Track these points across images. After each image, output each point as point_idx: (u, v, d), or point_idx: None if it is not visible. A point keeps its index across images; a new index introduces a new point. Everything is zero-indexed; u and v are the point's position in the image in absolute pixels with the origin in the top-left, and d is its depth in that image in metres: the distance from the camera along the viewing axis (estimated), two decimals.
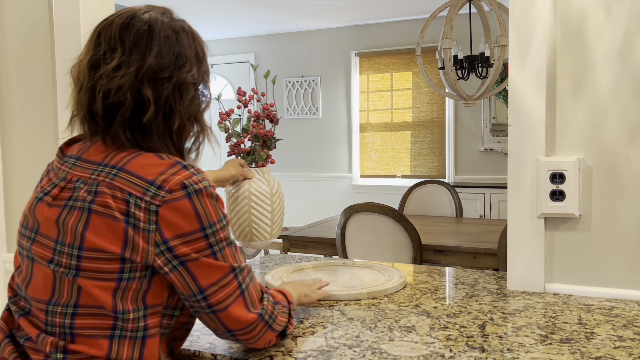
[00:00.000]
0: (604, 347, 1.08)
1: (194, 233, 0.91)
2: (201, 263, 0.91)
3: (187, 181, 0.91)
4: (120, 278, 0.90)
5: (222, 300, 0.94)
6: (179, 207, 0.90)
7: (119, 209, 0.89)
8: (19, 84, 2.10)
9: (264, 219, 1.63)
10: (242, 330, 0.98)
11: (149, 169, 0.92)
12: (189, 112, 1.00)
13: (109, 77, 0.94)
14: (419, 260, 2.83)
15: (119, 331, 0.91)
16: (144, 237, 0.89)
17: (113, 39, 0.97)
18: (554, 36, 1.44)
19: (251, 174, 1.64)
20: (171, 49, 0.98)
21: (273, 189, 1.65)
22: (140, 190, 0.90)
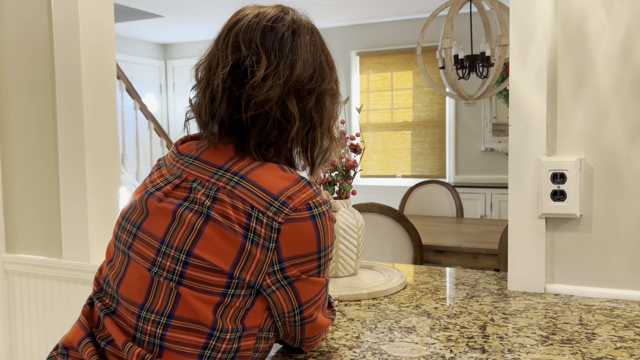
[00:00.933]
0: (605, 347, 1.07)
1: (310, 255, 0.87)
2: (307, 282, 0.88)
3: (312, 202, 0.86)
4: (226, 293, 0.84)
5: (313, 312, 0.92)
6: (301, 228, 0.85)
7: (238, 221, 0.84)
8: (18, 83, 2.09)
9: (350, 254, 1.56)
10: (314, 338, 0.97)
11: (274, 182, 0.86)
12: (325, 125, 0.96)
13: (257, 88, 0.89)
14: (419, 260, 2.83)
15: (209, 351, 0.85)
16: (262, 254, 0.84)
17: (255, 44, 0.90)
18: (555, 35, 1.43)
19: (338, 206, 1.41)
20: (314, 57, 0.94)
21: (359, 222, 1.57)
22: (264, 204, 0.84)
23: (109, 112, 2.16)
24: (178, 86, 7.01)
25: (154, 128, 5.07)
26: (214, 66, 0.92)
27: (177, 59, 6.97)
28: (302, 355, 1.06)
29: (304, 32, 0.93)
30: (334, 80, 0.98)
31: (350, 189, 1.60)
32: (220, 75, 0.90)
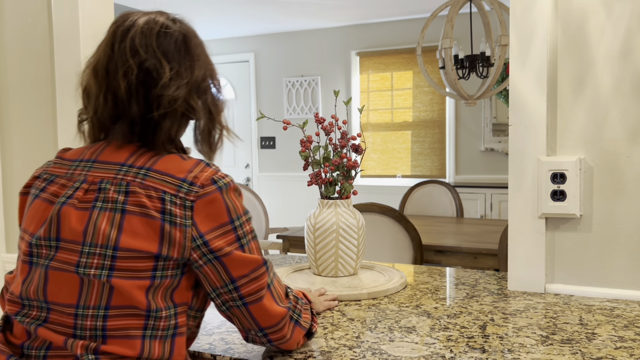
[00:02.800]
0: (605, 347, 1.08)
1: (224, 226, 0.94)
2: (235, 256, 0.93)
3: (215, 176, 0.95)
4: (154, 276, 0.91)
5: (253, 292, 0.95)
6: (211, 200, 0.93)
7: (155, 208, 0.91)
8: (18, 83, 2.09)
9: (350, 254, 1.55)
10: (274, 327, 0.98)
11: (177, 168, 0.95)
12: (219, 115, 1.07)
13: (166, 88, 0.96)
14: (419, 260, 2.83)
15: (150, 330, 0.92)
16: (182, 232, 0.91)
17: (152, 49, 0.97)
18: (555, 35, 1.43)
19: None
20: (204, 58, 1.04)
21: (359, 222, 1.57)
22: (174, 188, 0.92)
23: None
24: None
25: None
26: (112, 70, 0.97)
27: None
28: (302, 355, 1.06)
29: (192, 36, 1.03)
30: (217, 76, 1.08)
31: (351, 189, 1.60)
32: (126, 78, 0.96)
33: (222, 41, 6.72)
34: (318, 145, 1.60)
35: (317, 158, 1.61)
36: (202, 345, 1.12)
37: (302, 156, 1.60)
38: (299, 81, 6.34)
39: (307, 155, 1.60)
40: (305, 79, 6.31)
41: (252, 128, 6.63)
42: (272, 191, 6.53)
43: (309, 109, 6.30)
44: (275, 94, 6.49)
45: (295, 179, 6.38)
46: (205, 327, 1.23)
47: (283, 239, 3.44)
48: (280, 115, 6.39)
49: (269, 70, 6.51)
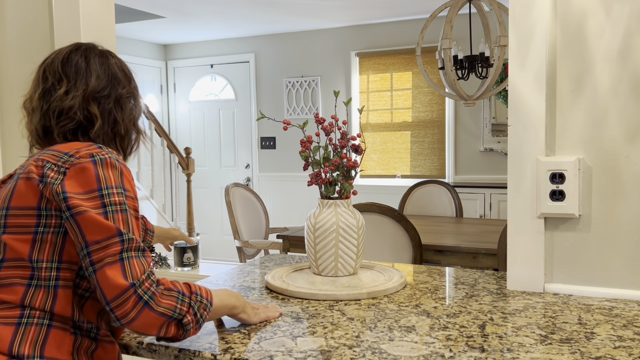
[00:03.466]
0: (603, 347, 1.08)
1: (92, 192, 1.05)
2: (89, 217, 1.02)
3: (95, 152, 1.09)
4: (37, 231, 1.06)
5: (101, 259, 1.01)
6: (82, 168, 1.06)
7: (37, 173, 1.07)
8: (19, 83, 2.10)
9: (350, 253, 1.56)
10: (115, 300, 1.00)
11: (70, 147, 1.12)
12: (130, 120, 1.25)
13: (61, 100, 1.17)
14: (419, 260, 2.83)
15: (35, 280, 1.05)
16: (50, 190, 1.05)
17: (57, 72, 1.20)
18: (554, 36, 1.44)
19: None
20: (106, 71, 1.23)
21: (359, 222, 1.57)
22: (56, 159, 1.09)
23: None
24: (179, 87, 7.01)
25: (154, 128, 5.07)
26: (32, 95, 1.22)
27: (178, 60, 6.97)
28: (302, 355, 1.06)
29: (94, 56, 1.24)
30: (132, 87, 1.28)
31: (350, 189, 1.60)
32: (35, 100, 1.20)
33: (223, 42, 6.72)
34: (318, 145, 1.61)
35: (317, 158, 1.61)
36: (203, 345, 1.13)
37: (302, 156, 1.60)
38: (299, 81, 6.34)
39: (307, 156, 1.60)
40: (305, 79, 6.32)
41: (252, 128, 6.63)
42: (272, 191, 6.53)
43: (309, 109, 6.31)
44: (276, 95, 6.49)
45: (295, 179, 6.38)
46: (205, 327, 1.23)
47: (283, 239, 3.44)
48: (281, 116, 6.40)
49: (269, 70, 6.52)
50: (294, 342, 1.13)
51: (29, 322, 1.03)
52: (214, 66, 6.80)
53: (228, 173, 6.80)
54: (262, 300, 1.42)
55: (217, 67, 6.79)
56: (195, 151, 6.59)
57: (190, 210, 5.22)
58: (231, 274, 1.70)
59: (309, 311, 1.32)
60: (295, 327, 1.21)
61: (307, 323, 1.24)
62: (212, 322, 1.26)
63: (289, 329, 1.20)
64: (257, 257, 4.41)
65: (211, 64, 6.81)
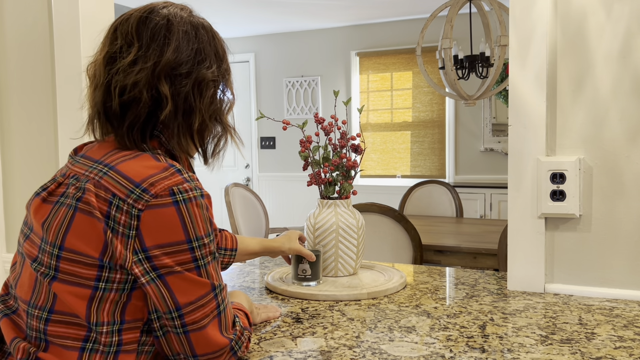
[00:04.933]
0: (604, 347, 1.08)
1: (178, 245, 0.84)
2: (182, 277, 0.84)
3: (177, 188, 0.85)
4: (97, 287, 0.84)
5: (198, 320, 0.86)
6: (163, 214, 0.83)
7: (100, 209, 0.83)
8: (19, 83, 2.09)
9: (350, 254, 1.55)
10: (210, 355, 0.88)
11: (140, 170, 0.85)
12: (210, 111, 0.96)
13: (125, 73, 0.89)
14: (419, 260, 2.83)
15: (90, 344, 0.85)
16: (123, 242, 0.83)
17: (130, 34, 0.92)
18: (555, 36, 1.44)
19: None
20: (190, 44, 0.94)
21: (359, 222, 1.57)
22: (125, 192, 0.83)
23: None
24: None
25: None
26: (97, 58, 0.94)
27: None
28: (302, 355, 1.06)
29: (180, 22, 0.94)
30: (223, 69, 1.00)
31: (350, 189, 1.60)
32: (99, 66, 0.92)
33: None
34: (318, 145, 1.61)
35: (317, 158, 1.61)
36: None
37: (301, 156, 1.60)
38: (299, 81, 6.34)
39: (307, 156, 1.60)
40: (305, 79, 6.32)
41: (252, 128, 6.63)
42: (272, 191, 6.53)
43: (308, 109, 6.31)
44: (275, 94, 6.49)
45: (295, 179, 6.38)
46: None
47: None
48: (280, 116, 6.40)
49: (269, 70, 6.52)
50: (294, 342, 1.12)
51: None
52: None
53: (228, 173, 6.80)
54: (262, 301, 1.42)
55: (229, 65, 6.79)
56: None
57: None
58: (231, 274, 1.69)
59: (309, 311, 1.32)
60: (295, 328, 1.21)
61: (307, 323, 1.23)
62: None
63: (289, 329, 1.20)
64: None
65: None
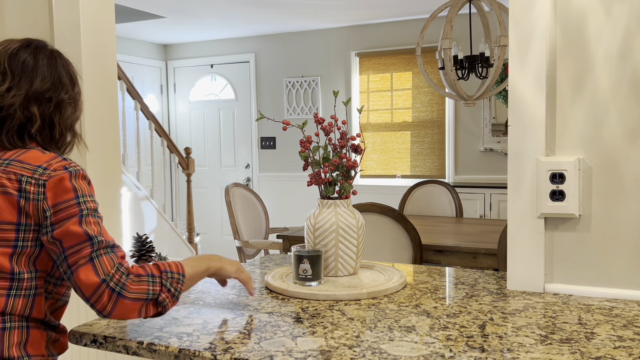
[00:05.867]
0: (604, 347, 1.08)
1: (70, 201, 1.15)
2: (65, 227, 1.13)
3: (66, 164, 1.18)
4: (16, 245, 1.14)
5: (75, 262, 1.12)
6: (60, 180, 1.15)
7: (13, 187, 1.14)
8: None
9: (350, 253, 1.56)
10: (93, 296, 1.12)
11: (36, 158, 1.18)
12: (66, 124, 1.29)
13: (2, 97, 1.21)
14: (419, 260, 2.83)
15: (14, 290, 1.14)
16: (34, 206, 1.14)
17: (3, 66, 1.22)
18: (554, 36, 1.44)
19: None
20: (52, 74, 1.26)
21: (359, 222, 1.57)
22: (30, 172, 1.16)
23: (110, 113, 2.17)
24: (179, 87, 7.02)
25: (154, 128, 5.07)
26: None
27: (178, 60, 6.97)
28: (302, 355, 1.06)
29: (43, 56, 1.26)
30: (75, 92, 1.31)
31: (350, 189, 1.60)
32: None
33: (223, 42, 6.72)
34: (318, 145, 1.61)
35: (317, 158, 1.61)
36: (203, 345, 1.13)
37: (301, 156, 1.60)
38: (299, 82, 6.34)
39: (307, 156, 1.60)
40: (305, 79, 6.32)
41: (252, 128, 6.64)
42: (272, 191, 6.54)
43: (309, 109, 6.31)
44: (276, 95, 6.49)
45: (295, 179, 6.38)
46: (205, 327, 1.23)
47: (283, 239, 3.44)
48: (280, 116, 6.40)
49: (269, 70, 6.52)
50: (294, 342, 1.13)
51: (11, 326, 1.14)
52: (214, 66, 6.80)
53: (228, 173, 6.80)
54: (262, 301, 1.42)
55: (217, 67, 6.79)
56: (195, 151, 6.59)
57: (190, 211, 5.22)
58: None
59: (309, 311, 1.32)
60: (295, 327, 1.21)
61: (307, 323, 1.24)
62: (213, 321, 1.27)
63: (289, 329, 1.20)
64: (257, 257, 4.42)
65: (211, 64, 6.81)
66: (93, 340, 1.21)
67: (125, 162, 4.75)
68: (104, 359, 2.20)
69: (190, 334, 1.19)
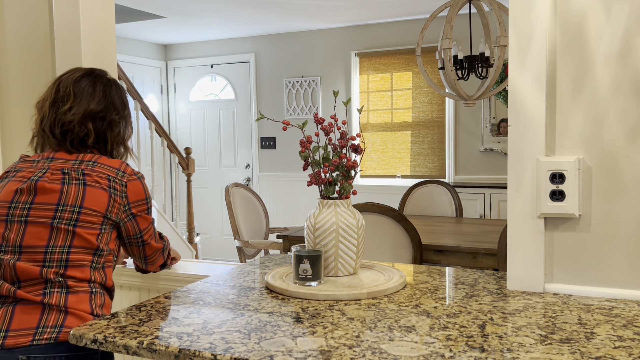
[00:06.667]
0: (603, 347, 1.08)
1: (142, 200, 1.55)
2: (143, 218, 1.56)
3: (135, 171, 1.56)
4: (102, 228, 1.49)
5: (150, 237, 1.61)
6: (136, 184, 1.54)
7: (104, 184, 1.49)
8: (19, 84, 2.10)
9: (350, 253, 1.56)
10: (153, 255, 1.65)
11: (112, 163, 1.53)
12: (117, 140, 1.60)
13: (64, 114, 1.52)
14: (419, 260, 2.83)
15: (95, 263, 1.48)
16: (119, 201, 1.50)
17: (68, 89, 1.54)
18: (554, 36, 1.44)
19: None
20: (106, 98, 1.57)
21: (359, 222, 1.57)
22: (114, 173, 1.51)
23: None
24: (179, 87, 7.02)
25: (154, 128, 5.07)
26: (45, 102, 1.56)
27: (178, 60, 6.97)
28: (302, 355, 1.06)
29: (100, 82, 1.59)
30: (126, 113, 1.63)
31: (350, 189, 1.60)
32: (47, 105, 1.55)
33: (223, 42, 6.72)
34: (318, 145, 1.61)
35: (317, 158, 1.61)
36: (203, 345, 1.13)
37: (301, 156, 1.60)
38: (299, 82, 6.34)
39: (307, 156, 1.60)
40: (305, 79, 6.32)
41: (252, 128, 6.64)
42: (272, 191, 6.54)
43: (309, 109, 6.31)
44: (276, 95, 6.49)
45: (295, 179, 6.39)
46: (205, 327, 1.23)
47: (283, 239, 3.44)
48: (281, 116, 6.40)
49: (269, 70, 6.52)
50: (294, 342, 1.13)
51: (95, 291, 1.48)
52: (214, 66, 6.80)
53: (228, 173, 6.80)
54: (262, 301, 1.42)
55: (217, 67, 6.79)
56: (195, 151, 6.59)
57: (190, 210, 5.22)
58: (231, 274, 1.70)
59: (309, 311, 1.32)
60: (295, 327, 1.21)
61: (307, 323, 1.24)
62: (213, 321, 1.27)
63: (289, 329, 1.20)
64: (257, 257, 4.42)
65: (211, 64, 6.81)
66: (93, 340, 1.21)
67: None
68: None
69: (190, 334, 1.19)
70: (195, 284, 1.59)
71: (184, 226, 6.07)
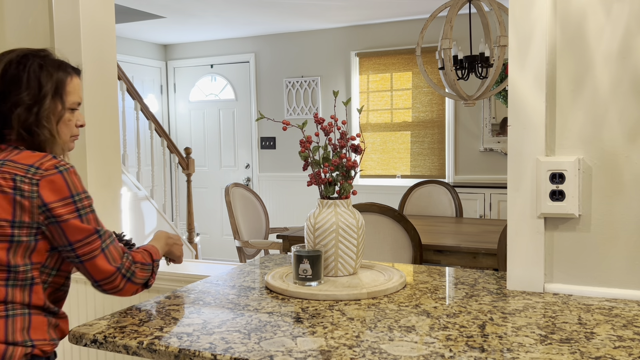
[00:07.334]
0: (603, 347, 1.08)
1: (66, 199, 1.24)
2: (70, 224, 1.24)
3: (57, 164, 1.26)
4: (12, 240, 1.22)
5: (87, 253, 1.26)
6: (53, 179, 1.24)
7: (8, 186, 1.22)
8: None
9: (350, 253, 1.56)
10: (104, 280, 1.29)
11: (28, 159, 1.26)
12: (25, 125, 1.31)
13: None
14: (418, 260, 2.83)
15: (12, 281, 1.23)
16: (29, 203, 1.22)
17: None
18: (554, 36, 1.44)
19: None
20: (9, 73, 1.31)
21: (359, 222, 1.57)
22: (23, 171, 1.24)
23: (110, 113, 2.17)
24: (179, 87, 7.01)
25: (154, 128, 5.07)
26: None
27: (178, 60, 6.96)
28: (302, 355, 1.06)
29: (7, 57, 1.34)
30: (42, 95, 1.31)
31: (350, 189, 1.60)
32: None
33: (223, 42, 6.72)
34: (318, 145, 1.61)
35: (317, 158, 1.61)
36: (203, 345, 1.13)
37: (301, 156, 1.60)
38: (299, 82, 6.34)
39: (307, 156, 1.60)
40: (305, 79, 6.32)
41: (252, 128, 6.63)
42: (272, 191, 6.54)
43: (309, 109, 6.31)
44: (275, 95, 6.49)
45: (295, 179, 6.38)
46: (205, 327, 1.23)
47: (283, 239, 3.44)
48: (280, 116, 6.40)
49: (269, 70, 6.52)
50: (294, 342, 1.13)
51: (14, 314, 1.23)
52: (214, 66, 6.80)
53: (228, 173, 6.80)
54: (262, 300, 1.42)
55: (217, 67, 6.79)
56: (195, 151, 6.59)
57: (190, 211, 5.22)
58: (231, 274, 1.70)
59: (309, 311, 1.32)
60: (295, 327, 1.21)
61: (307, 323, 1.24)
62: (213, 321, 1.27)
63: (289, 329, 1.20)
64: (257, 257, 4.42)
65: (211, 64, 6.81)
66: (93, 340, 1.21)
67: (125, 162, 4.75)
68: (104, 359, 2.21)
69: (190, 334, 1.19)
70: (195, 284, 1.59)
71: (184, 226, 6.07)
